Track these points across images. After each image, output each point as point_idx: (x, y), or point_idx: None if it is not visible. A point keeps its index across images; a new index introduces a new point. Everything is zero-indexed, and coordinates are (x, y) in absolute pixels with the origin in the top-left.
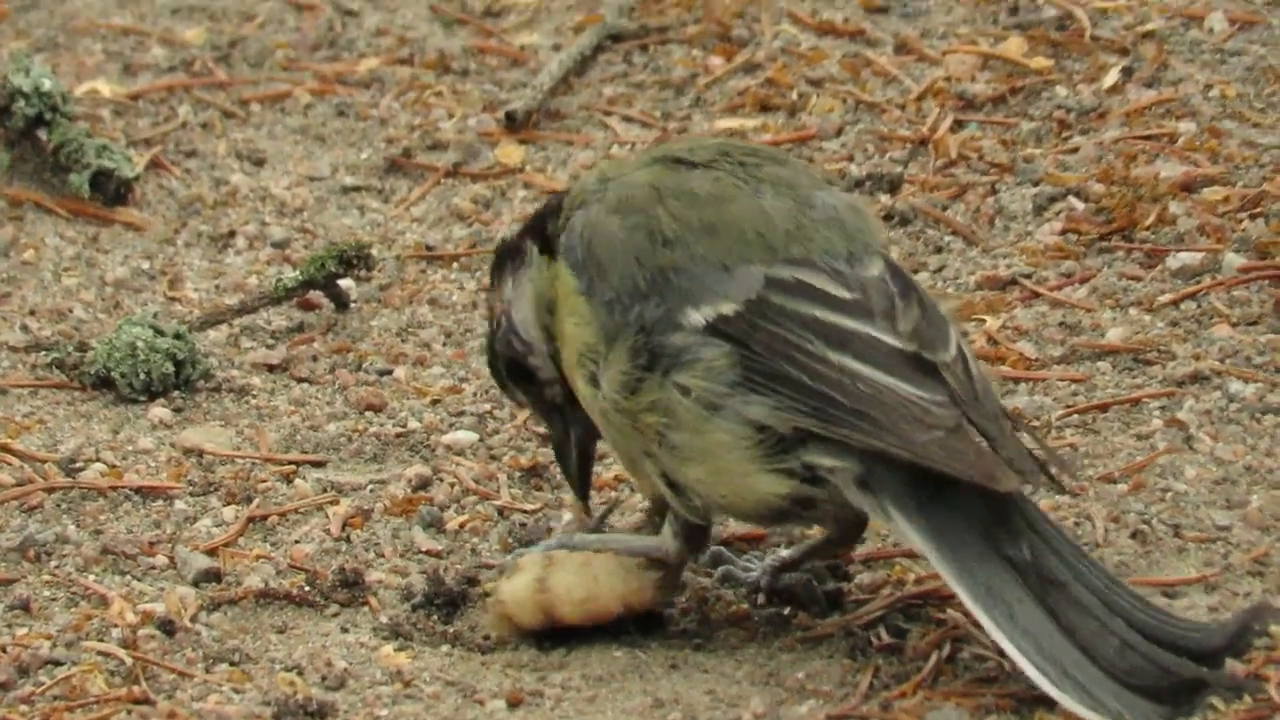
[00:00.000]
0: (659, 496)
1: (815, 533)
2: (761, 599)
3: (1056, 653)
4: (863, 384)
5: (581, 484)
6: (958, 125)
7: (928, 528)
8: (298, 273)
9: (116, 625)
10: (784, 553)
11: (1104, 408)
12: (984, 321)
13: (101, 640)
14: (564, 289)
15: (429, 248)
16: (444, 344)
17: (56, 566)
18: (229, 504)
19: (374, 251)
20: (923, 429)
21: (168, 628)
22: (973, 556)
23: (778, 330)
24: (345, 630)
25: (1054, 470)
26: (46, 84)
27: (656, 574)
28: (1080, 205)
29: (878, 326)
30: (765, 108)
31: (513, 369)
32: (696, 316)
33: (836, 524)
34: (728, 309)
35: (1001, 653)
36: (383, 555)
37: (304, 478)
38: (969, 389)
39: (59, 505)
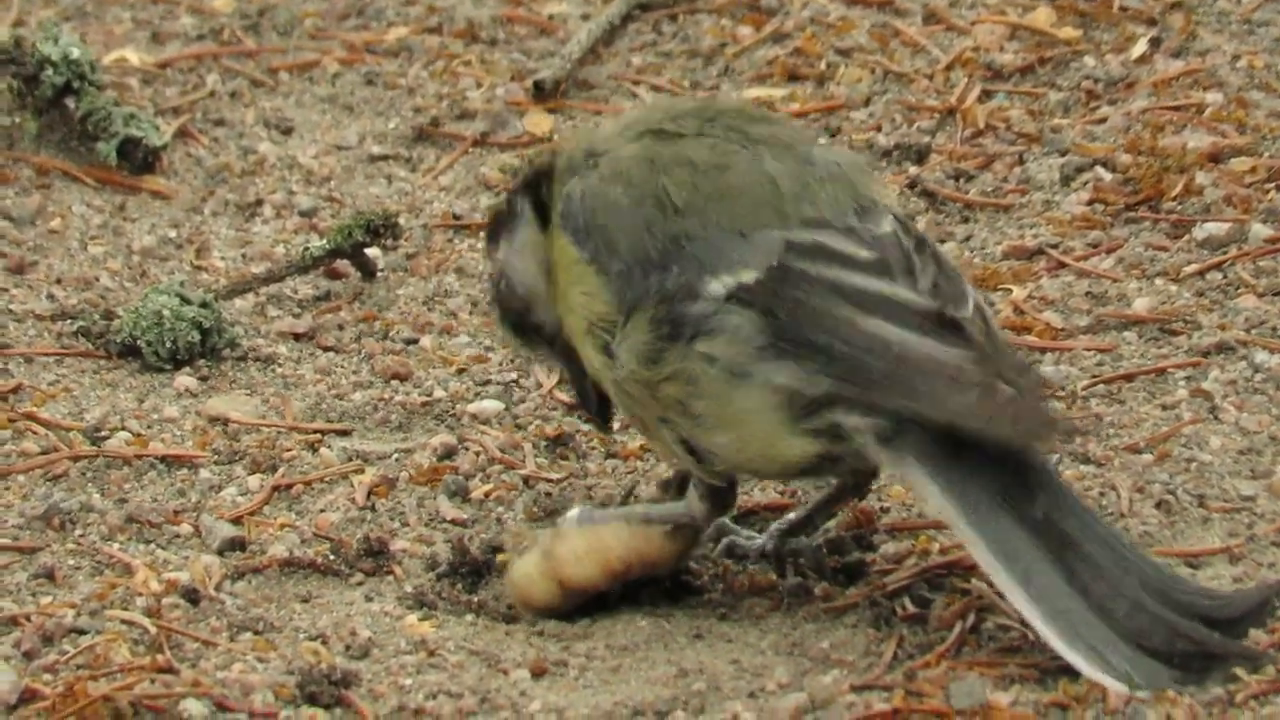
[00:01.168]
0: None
1: (815, 491)
2: (770, 564)
3: (1069, 612)
4: (895, 347)
5: (603, 418)
6: (986, 95)
7: (947, 485)
8: (325, 241)
9: (141, 594)
10: (790, 515)
11: (1129, 378)
12: (1010, 291)
13: (126, 609)
14: (565, 257)
15: (456, 217)
16: (470, 313)
17: (81, 535)
18: (254, 473)
19: (401, 220)
20: (957, 390)
21: (192, 596)
22: (990, 515)
23: (803, 297)
24: (369, 599)
25: (1072, 427)
26: (75, 52)
27: (665, 527)
28: (1107, 175)
29: (900, 285)
30: (794, 77)
31: (519, 325)
32: (716, 286)
33: (852, 476)
34: (748, 277)
35: (1018, 613)
36: (407, 524)
37: (329, 446)
38: (992, 342)
39: (84, 474)
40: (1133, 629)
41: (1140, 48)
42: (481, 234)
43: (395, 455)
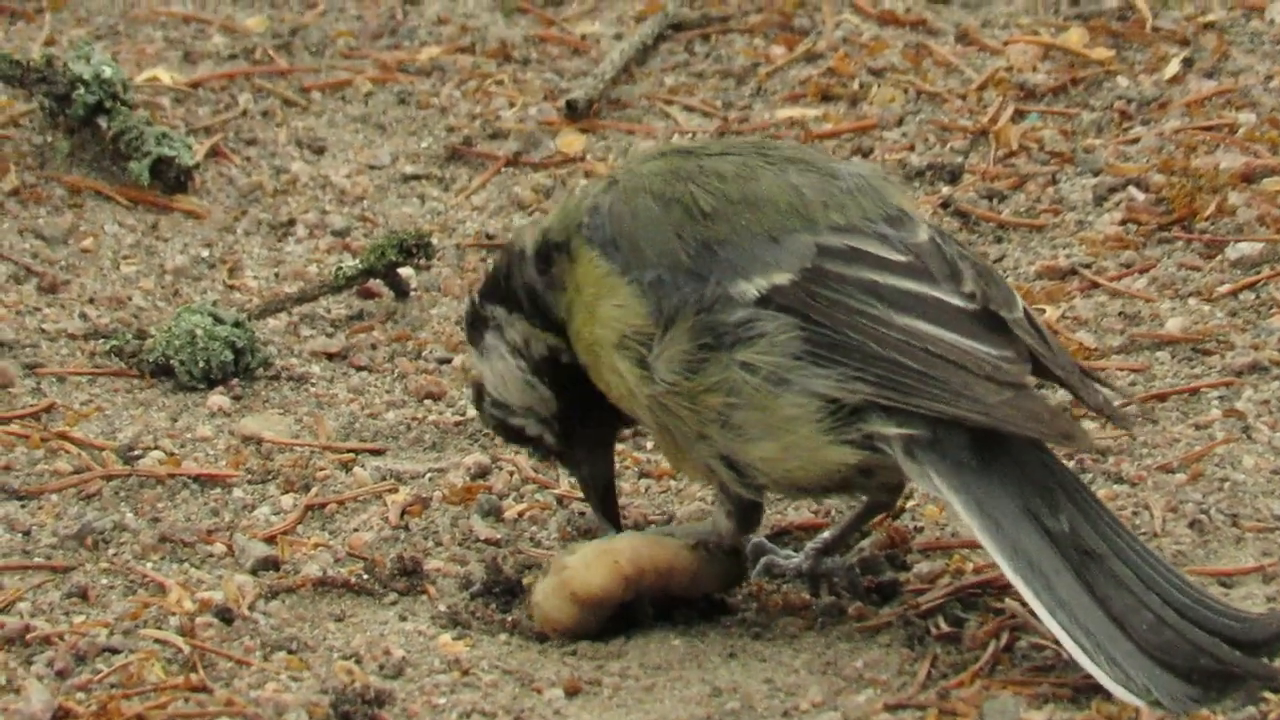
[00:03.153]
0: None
1: (846, 509)
2: (805, 585)
3: (1091, 625)
4: (931, 345)
5: (609, 517)
6: (1018, 115)
7: (969, 498)
8: (358, 261)
9: (174, 613)
10: (825, 534)
11: (1163, 397)
12: (1044, 311)
13: (159, 628)
14: (593, 274)
15: (489, 236)
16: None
17: (114, 554)
18: (287, 492)
19: (434, 240)
20: (994, 389)
21: (225, 616)
22: (1012, 526)
23: (838, 298)
24: (403, 619)
25: (1125, 420)
26: (107, 71)
27: (685, 541)
28: (1140, 195)
29: (941, 289)
30: (826, 97)
31: (504, 431)
32: (748, 288)
33: (884, 490)
34: (781, 279)
35: (1041, 625)
36: (441, 544)
37: (363, 466)
38: (1042, 342)
39: (117, 493)
40: (1154, 644)
41: (1173, 68)
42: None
43: (428, 475)
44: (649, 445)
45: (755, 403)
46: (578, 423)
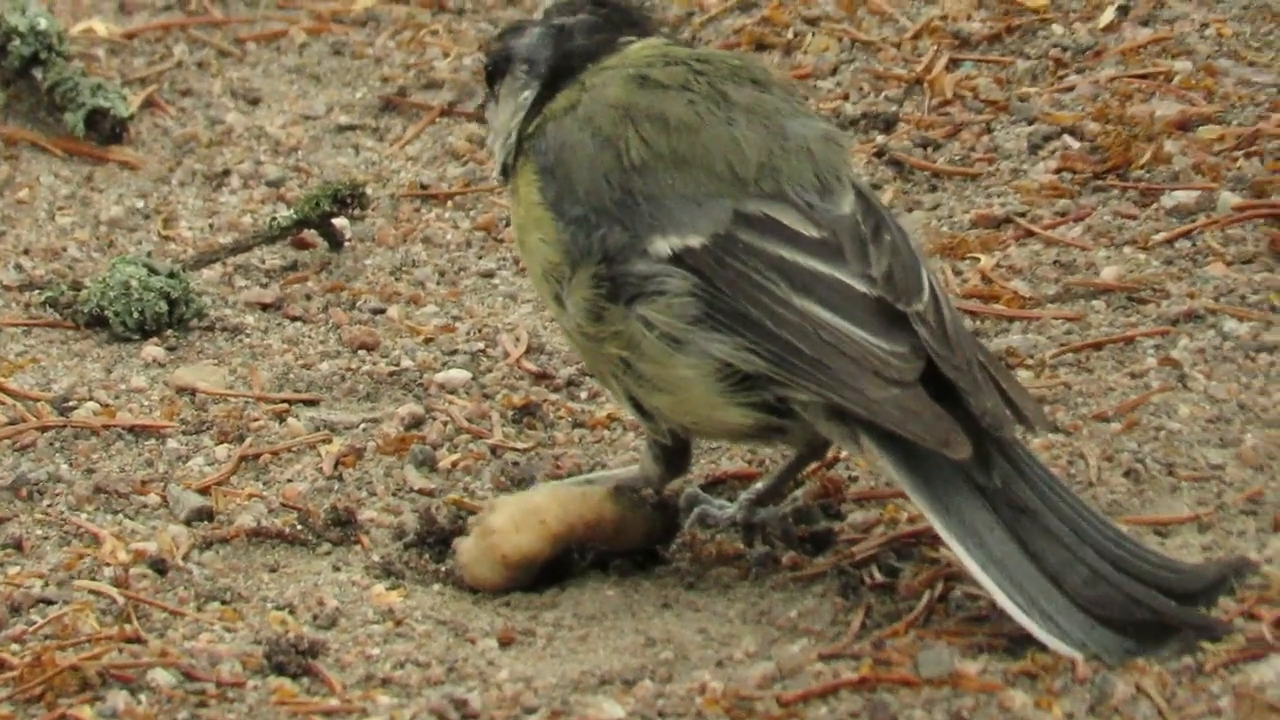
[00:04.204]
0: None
1: (781, 459)
2: (739, 535)
3: (1025, 581)
4: (824, 332)
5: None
6: (953, 64)
7: (900, 457)
8: (292, 211)
9: (109, 564)
10: (758, 485)
11: (1098, 346)
12: (978, 260)
13: (93, 579)
14: (528, 196)
15: (423, 186)
16: (438, 283)
17: (49, 505)
18: (221, 443)
19: (368, 190)
20: (880, 385)
21: (159, 566)
22: (944, 485)
23: (743, 269)
24: (337, 569)
25: (1030, 418)
26: (42, 23)
27: (607, 487)
28: (1075, 144)
29: (848, 270)
30: (761, 46)
31: (493, 65)
32: (663, 245)
33: (806, 445)
34: (694, 241)
35: (974, 582)
36: (375, 494)
37: (297, 416)
38: (940, 337)
39: (52, 444)
40: (1089, 598)
41: (1108, 16)
42: (450, 204)
43: (362, 425)
44: (583, 396)
45: (651, 358)
46: None
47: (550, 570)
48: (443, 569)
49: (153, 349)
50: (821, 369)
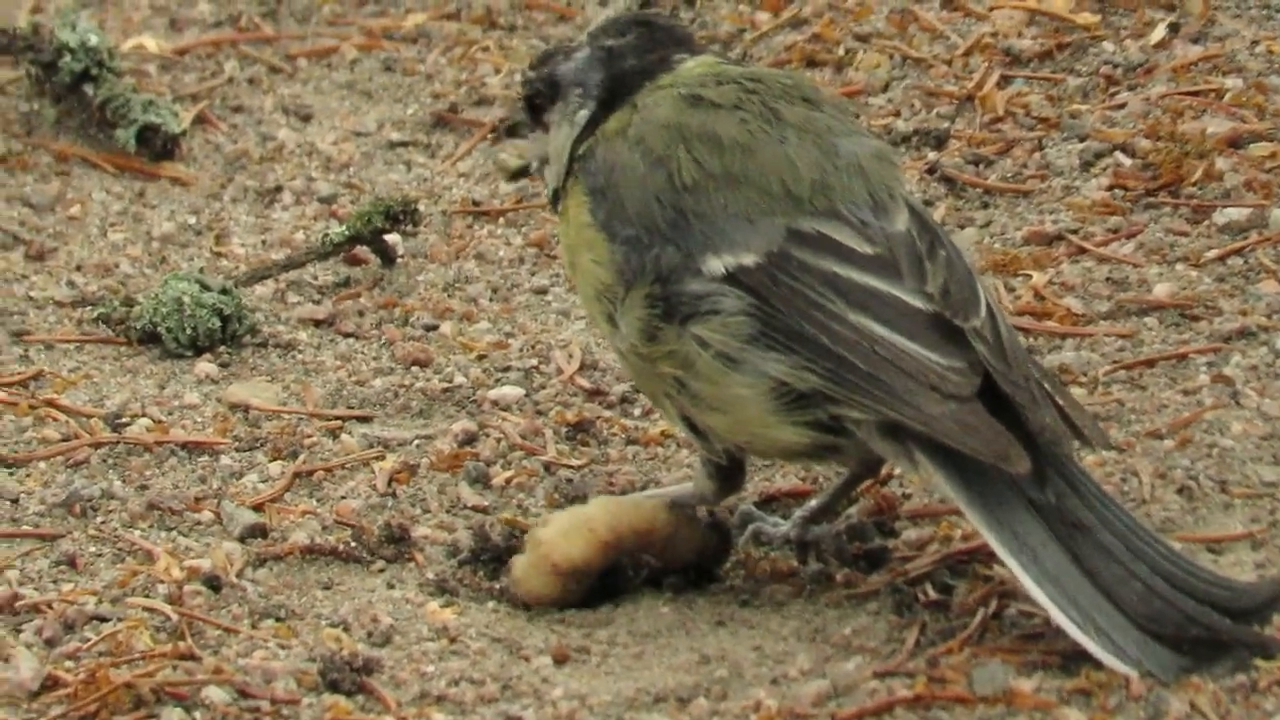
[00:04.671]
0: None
1: (834, 476)
2: (793, 553)
3: (1080, 597)
4: (880, 347)
5: (516, 174)
6: (1004, 81)
7: (955, 474)
8: (344, 228)
9: (162, 581)
10: (812, 503)
11: (1150, 363)
12: (1030, 277)
13: (147, 596)
14: (579, 218)
15: (475, 203)
16: (490, 299)
17: (102, 522)
18: (275, 459)
19: (420, 207)
20: (937, 400)
21: (213, 583)
22: (999, 501)
23: (798, 286)
24: (391, 586)
25: (1088, 434)
26: (93, 39)
27: (662, 500)
28: (1127, 161)
29: (904, 286)
30: (812, 63)
31: (530, 103)
32: (716, 264)
33: (860, 463)
34: (748, 260)
35: (1030, 598)
36: (429, 511)
37: (350, 433)
38: (997, 353)
39: (105, 460)
40: (1144, 614)
41: (1159, 33)
42: (502, 220)
43: (416, 442)
44: (636, 413)
45: (706, 377)
46: None
47: (604, 587)
48: (497, 586)
49: (206, 365)
50: (878, 385)
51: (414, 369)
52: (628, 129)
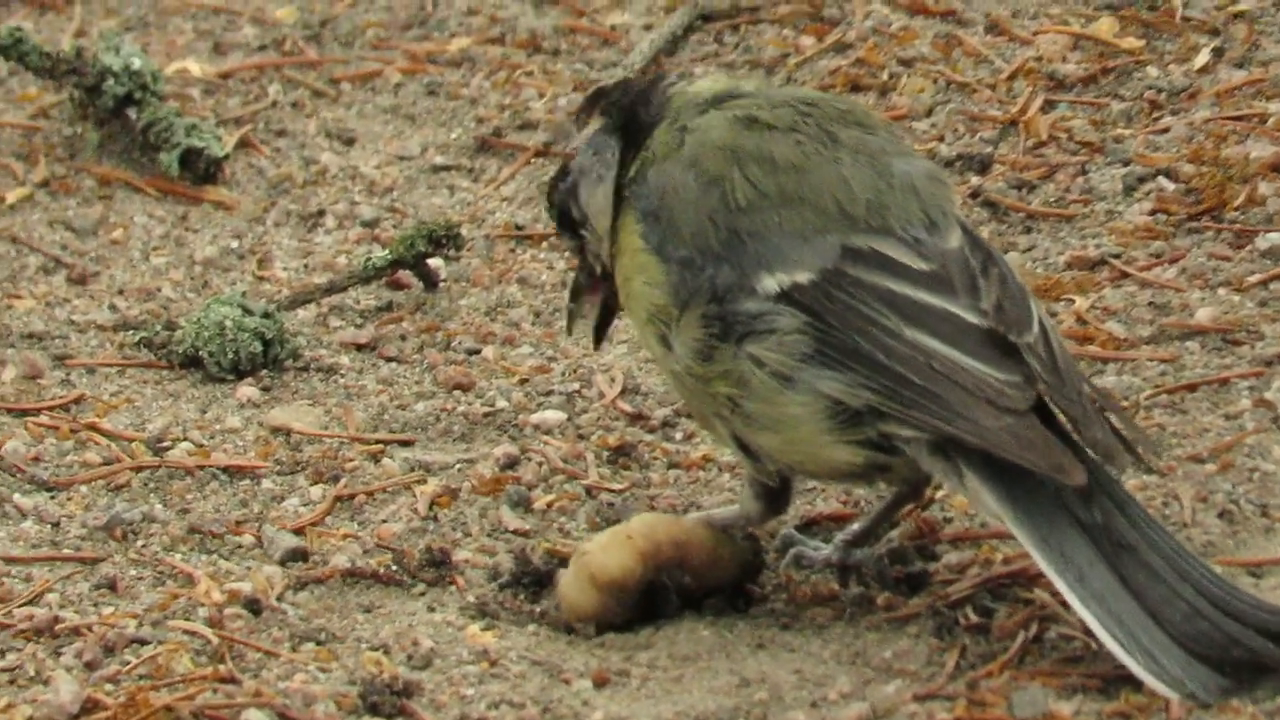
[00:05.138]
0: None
1: (876, 500)
2: (834, 576)
3: (1124, 616)
4: (936, 362)
5: (597, 336)
6: (1048, 105)
7: (1003, 492)
8: (387, 252)
9: (203, 604)
10: (854, 526)
11: (1192, 387)
12: (1073, 301)
13: (188, 619)
14: (630, 243)
15: (518, 227)
16: (533, 323)
17: (143, 545)
18: (316, 483)
19: (463, 231)
20: (994, 413)
21: (254, 607)
22: (1046, 519)
23: (853, 303)
24: (432, 609)
25: (1140, 450)
26: (136, 63)
27: (703, 516)
28: (1170, 185)
29: (958, 302)
30: (856, 87)
31: (564, 220)
32: (770, 282)
33: (906, 483)
34: (803, 277)
35: (1076, 617)
36: (470, 534)
37: (391, 457)
38: (1051, 368)
39: (146, 484)
40: (1188, 634)
41: (1203, 58)
42: (545, 244)
43: (457, 465)
44: (678, 436)
45: (761, 396)
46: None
47: (645, 610)
48: (537, 609)
49: (247, 389)
50: (934, 399)
51: (456, 393)
52: (680, 149)
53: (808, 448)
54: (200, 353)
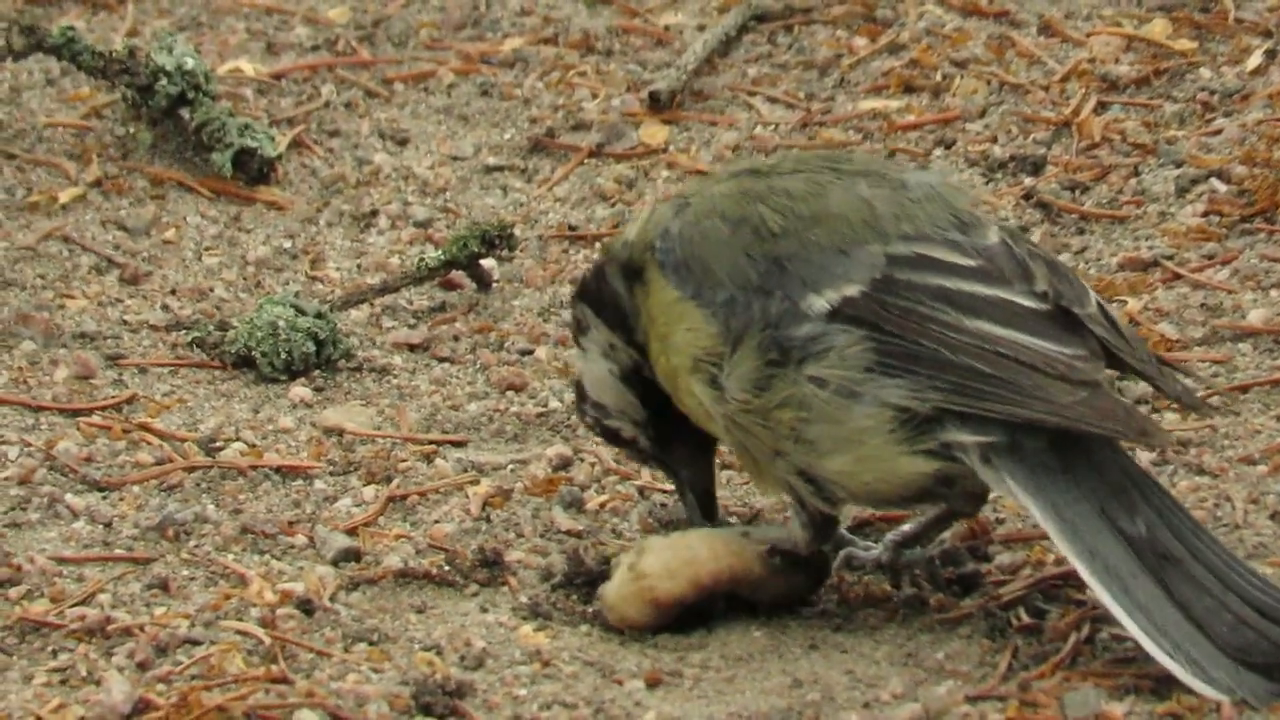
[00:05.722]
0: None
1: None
2: (886, 577)
3: (1170, 628)
4: (1002, 348)
5: (709, 518)
6: (1101, 107)
7: (1046, 503)
8: (440, 252)
9: (255, 604)
10: (905, 527)
11: (1244, 389)
12: (1126, 303)
13: (240, 620)
14: (664, 298)
15: (572, 228)
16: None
17: (195, 546)
18: (369, 483)
19: (516, 231)
20: (1067, 389)
21: (306, 607)
22: (1089, 531)
23: (910, 305)
24: (484, 610)
25: (1204, 407)
26: (189, 63)
27: (761, 547)
28: (1222, 187)
29: (1013, 289)
30: (909, 89)
31: (600, 431)
32: (819, 302)
33: (964, 500)
34: (852, 290)
35: (1121, 627)
36: (522, 535)
37: (444, 457)
38: (1117, 333)
39: (198, 484)
40: (1236, 645)
41: (1256, 59)
42: (598, 245)
43: (510, 466)
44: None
45: (827, 416)
46: (673, 430)
47: (694, 611)
48: (590, 610)
49: (300, 389)
50: (1005, 385)
51: (509, 393)
52: (686, 208)
53: (878, 463)
54: (253, 353)
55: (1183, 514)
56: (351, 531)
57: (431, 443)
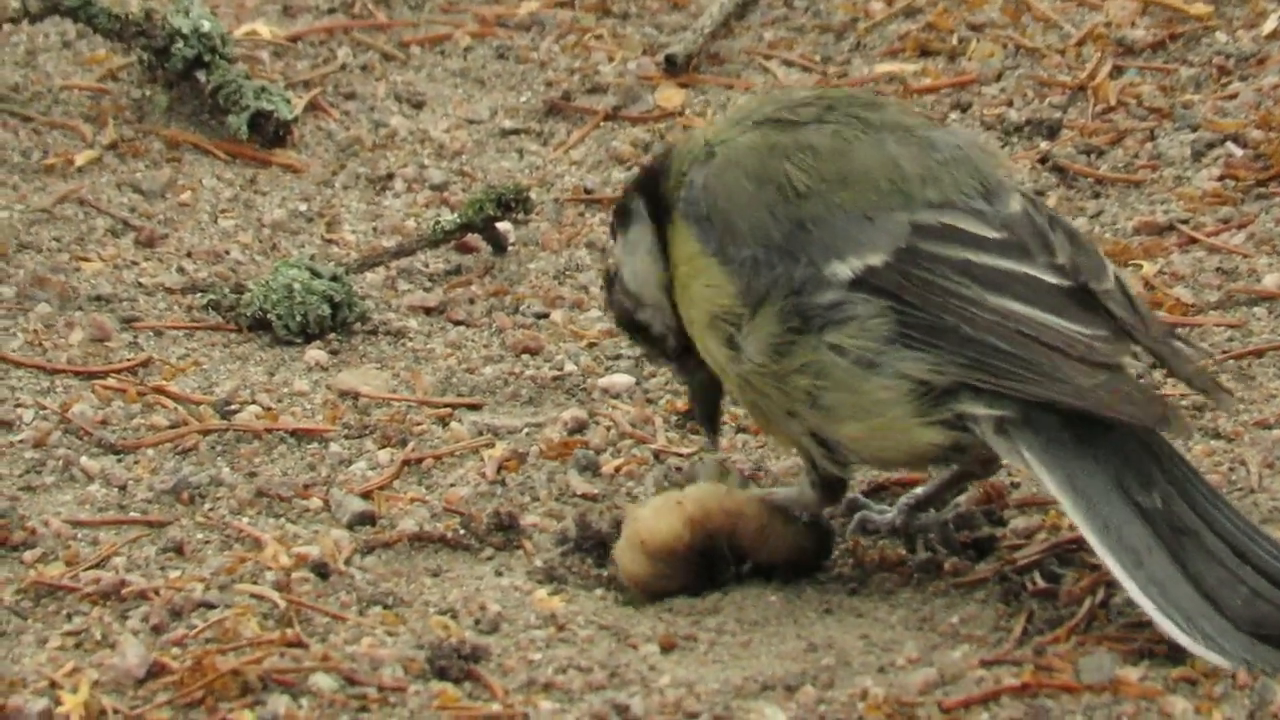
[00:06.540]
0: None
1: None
2: (900, 539)
3: (1183, 601)
4: (1024, 326)
5: (710, 427)
6: (1117, 71)
7: (1061, 474)
8: (456, 215)
9: (270, 568)
10: (918, 490)
11: (1259, 353)
12: (1141, 267)
13: (255, 583)
14: (686, 250)
15: (588, 191)
16: (601, 287)
17: (210, 509)
18: (384, 447)
19: (532, 194)
20: (1087, 371)
21: (321, 571)
22: (1103, 504)
23: (932, 279)
24: (499, 574)
25: (1214, 388)
26: (206, 25)
27: (762, 494)
28: (1238, 151)
29: (1035, 263)
30: (925, 52)
31: (628, 323)
32: (843, 269)
33: (976, 463)
34: (876, 260)
35: (1135, 602)
36: (538, 499)
37: (460, 421)
38: (1132, 310)
39: (213, 447)
40: (1249, 618)
41: (1271, 23)
42: (611, 209)
43: (525, 430)
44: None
45: (844, 385)
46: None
47: (709, 577)
48: (605, 574)
49: (315, 352)
50: (1025, 365)
51: (524, 357)
52: (712, 157)
53: (893, 433)
54: (268, 315)
55: (1199, 482)
56: (366, 495)
57: (447, 406)
